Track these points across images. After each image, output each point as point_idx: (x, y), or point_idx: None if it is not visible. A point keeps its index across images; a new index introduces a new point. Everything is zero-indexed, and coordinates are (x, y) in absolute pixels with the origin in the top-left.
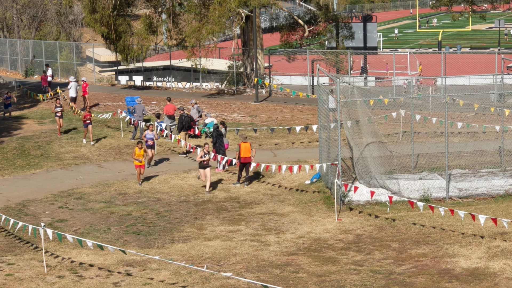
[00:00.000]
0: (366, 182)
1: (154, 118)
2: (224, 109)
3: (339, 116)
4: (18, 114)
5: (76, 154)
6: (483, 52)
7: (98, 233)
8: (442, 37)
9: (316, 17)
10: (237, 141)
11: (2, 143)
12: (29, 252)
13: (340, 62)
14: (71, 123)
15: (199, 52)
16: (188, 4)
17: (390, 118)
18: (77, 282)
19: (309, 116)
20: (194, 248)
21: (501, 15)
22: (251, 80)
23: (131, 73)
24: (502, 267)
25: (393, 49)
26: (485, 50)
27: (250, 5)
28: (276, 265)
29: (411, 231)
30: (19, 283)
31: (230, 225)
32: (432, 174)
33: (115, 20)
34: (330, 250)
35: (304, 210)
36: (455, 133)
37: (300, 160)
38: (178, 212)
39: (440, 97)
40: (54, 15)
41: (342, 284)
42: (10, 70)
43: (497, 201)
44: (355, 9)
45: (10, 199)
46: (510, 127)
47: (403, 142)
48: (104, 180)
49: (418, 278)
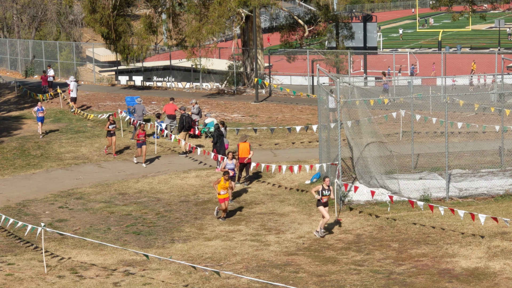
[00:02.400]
0: (366, 182)
1: (154, 118)
2: (224, 109)
3: (339, 116)
4: (18, 114)
5: (76, 154)
6: (483, 52)
7: (98, 233)
8: (442, 37)
9: (316, 17)
10: (237, 141)
11: (2, 143)
12: (29, 252)
13: (340, 62)
14: (71, 123)
15: (199, 52)
16: (188, 4)
17: (390, 118)
18: (77, 282)
19: (309, 116)
20: (194, 248)
21: (501, 15)
22: (251, 80)
23: (131, 73)
24: (502, 267)
25: (393, 49)
26: (485, 50)
27: (250, 5)
28: (276, 265)
29: (411, 231)
30: (19, 283)
31: (230, 225)
32: (432, 174)
33: (115, 20)
34: (330, 250)
35: (304, 210)
36: (455, 133)
37: (300, 160)
38: (178, 212)
39: (440, 97)
40: (54, 15)
41: (342, 284)
42: (10, 70)
43: (497, 201)
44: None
45: (10, 199)
46: (510, 127)
47: (403, 142)
48: (104, 180)
49: (418, 278)
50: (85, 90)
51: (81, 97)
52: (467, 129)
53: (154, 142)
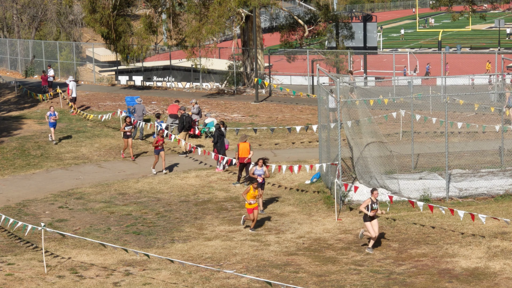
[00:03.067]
0: (366, 182)
1: (154, 118)
2: (224, 109)
3: (339, 116)
4: (18, 114)
5: (76, 154)
6: (483, 52)
7: (98, 233)
8: (442, 37)
9: (316, 17)
10: (237, 141)
11: (2, 143)
12: (29, 252)
13: (340, 62)
14: (71, 123)
15: (199, 52)
16: (188, 4)
17: (390, 118)
18: (77, 282)
19: (309, 116)
20: (194, 248)
21: (501, 15)
22: (251, 80)
23: (131, 73)
24: (502, 267)
25: (393, 49)
26: (485, 50)
27: (250, 5)
28: (276, 265)
29: (411, 231)
30: (19, 283)
31: (230, 225)
32: (432, 174)
33: (115, 20)
34: (330, 250)
35: (304, 210)
36: (455, 133)
37: (300, 160)
38: (178, 212)
39: (440, 97)
40: (54, 15)
41: (342, 284)
42: (10, 70)
43: (497, 201)
44: (355, 9)
45: (10, 199)
46: (510, 127)
47: (403, 142)
48: (104, 180)
49: (418, 278)
50: (85, 90)
51: (81, 97)
52: (467, 129)
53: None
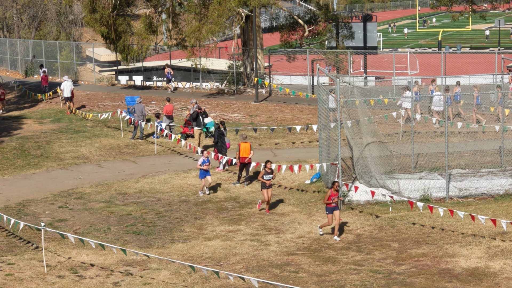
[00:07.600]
0: (366, 182)
1: (154, 118)
2: (224, 109)
3: (339, 116)
4: (18, 114)
5: (76, 154)
6: (483, 52)
7: (98, 233)
8: (442, 37)
9: (316, 17)
10: (237, 141)
11: (2, 143)
12: (29, 252)
13: (340, 62)
14: (71, 123)
15: (199, 52)
16: (188, 4)
17: (390, 118)
18: (77, 282)
19: (309, 116)
20: (194, 248)
21: (501, 15)
22: (251, 80)
23: (131, 73)
24: (502, 267)
25: (393, 49)
26: (485, 50)
27: (250, 5)
28: (276, 265)
29: (411, 231)
30: (19, 283)
31: (230, 225)
32: (432, 174)
33: (115, 20)
34: (330, 250)
35: (304, 210)
36: (455, 133)
37: (300, 160)
38: (178, 212)
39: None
40: (54, 15)
41: (342, 284)
42: (10, 70)
43: (497, 201)
44: (355, 9)
45: (10, 199)
46: (510, 127)
47: (403, 142)
48: (104, 180)
49: (418, 278)
50: (85, 90)
51: (81, 97)
52: (467, 129)
53: (154, 142)
